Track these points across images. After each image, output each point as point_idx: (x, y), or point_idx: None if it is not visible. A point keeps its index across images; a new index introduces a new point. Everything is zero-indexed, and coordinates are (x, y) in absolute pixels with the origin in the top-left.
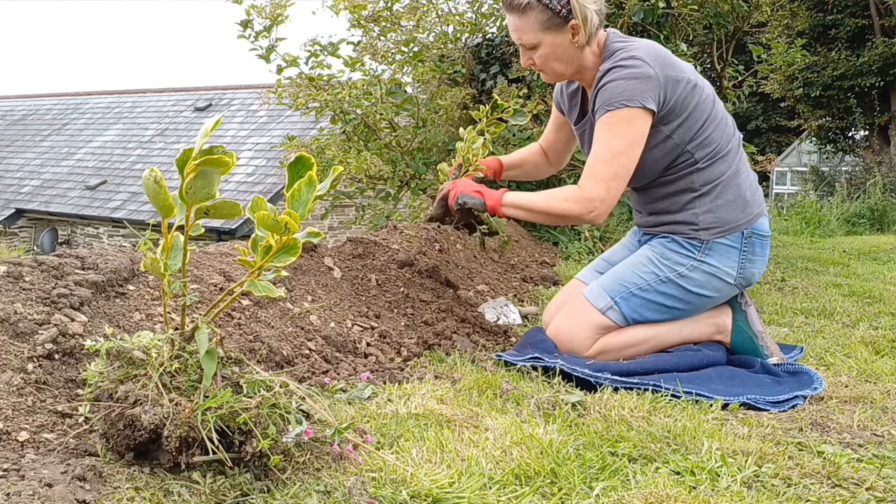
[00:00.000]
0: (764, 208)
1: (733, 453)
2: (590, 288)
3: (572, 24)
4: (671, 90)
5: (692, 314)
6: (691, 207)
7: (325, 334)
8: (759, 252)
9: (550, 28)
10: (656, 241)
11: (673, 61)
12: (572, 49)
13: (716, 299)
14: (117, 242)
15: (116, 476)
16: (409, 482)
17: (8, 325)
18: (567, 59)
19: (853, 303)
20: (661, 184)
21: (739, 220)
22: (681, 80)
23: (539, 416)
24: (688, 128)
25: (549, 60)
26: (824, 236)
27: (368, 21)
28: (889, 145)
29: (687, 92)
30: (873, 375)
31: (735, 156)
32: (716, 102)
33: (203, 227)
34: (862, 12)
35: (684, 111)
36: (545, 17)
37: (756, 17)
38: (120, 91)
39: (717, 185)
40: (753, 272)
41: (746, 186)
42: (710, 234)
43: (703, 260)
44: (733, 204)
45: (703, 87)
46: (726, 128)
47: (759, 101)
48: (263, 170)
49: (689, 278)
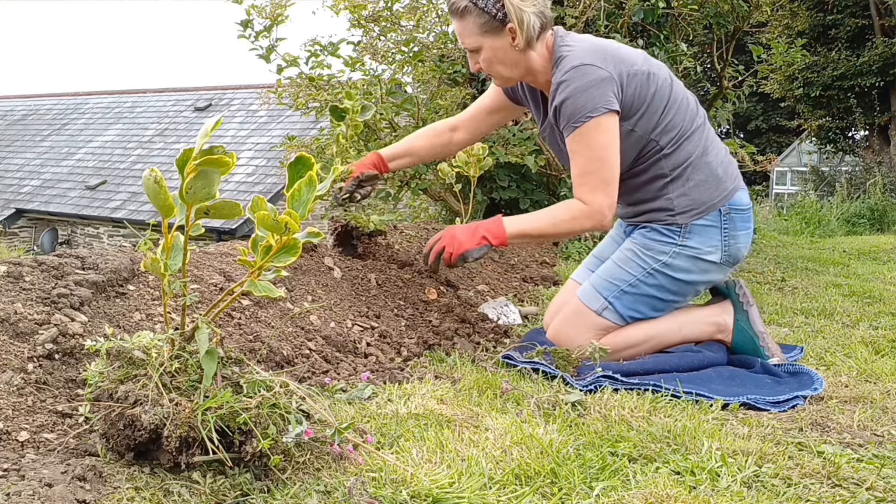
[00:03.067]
0: (739, 181)
1: (733, 453)
2: (583, 289)
3: (509, 27)
4: (627, 84)
5: (687, 301)
6: (665, 193)
7: (325, 334)
8: (740, 227)
9: (489, 32)
10: (637, 233)
11: (622, 54)
12: (514, 52)
13: (708, 282)
14: (117, 242)
15: (116, 476)
16: (409, 482)
17: (8, 325)
18: (510, 63)
19: (853, 303)
20: (632, 175)
21: (714, 199)
22: (636, 73)
23: (539, 416)
24: (649, 118)
25: (493, 64)
26: (824, 236)
27: (368, 21)
28: (889, 145)
29: (643, 83)
30: (873, 375)
31: (701, 134)
32: (673, 85)
33: (203, 227)
34: (862, 12)
35: (643, 103)
36: (482, 21)
37: (756, 17)
38: (120, 91)
39: (688, 167)
40: (739, 248)
41: (717, 163)
42: (687, 218)
43: (684, 244)
44: (706, 183)
45: (658, 73)
46: (688, 108)
47: (759, 101)
48: (263, 170)
49: (674, 266)
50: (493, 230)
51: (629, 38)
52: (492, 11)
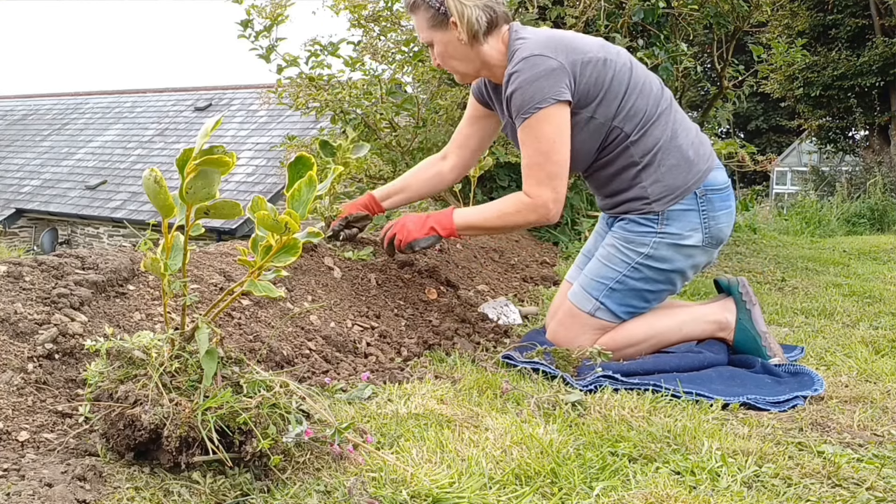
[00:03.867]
0: (713, 161)
1: (733, 453)
2: (573, 291)
3: (451, 20)
4: (580, 73)
5: (679, 289)
6: (639, 181)
7: (325, 334)
8: (719, 207)
9: (436, 26)
10: (617, 226)
11: (576, 43)
12: (462, 46)
13: (694, 266)
14: (117, 242)
15: (116, 476)
16: (409, 482)
17: (8, 325)
18: (462, 57)
19: (853, 303)
20: (602, 165)
21: (688, 182)
22: (589, 61)
23: (539, 416)
24: (608, 104)
25: (446, 58)
26: (824, 236)
27: (368, 21)
28: (889, 145)
29: (598, 70)
30: (873, 375)
31: (668, 118)
32: (633, 70)
33: (203, 227)
34: (862, 12)
35: (600, 89)
36: (429, 15)
37: (756, 17)
38: (120, 91)
39: (657, 153)
40: (721, 227)
41: (688, 145)
42: (663, 205)
43: (664, 231)
44: (677, 167)
45: (616, 59)
46: (651, 92)
47: (760, 101)
48: (263, 170)
49: (656, 257)
50: (443, 222)
51: (629, 37)
52: (435, 5)
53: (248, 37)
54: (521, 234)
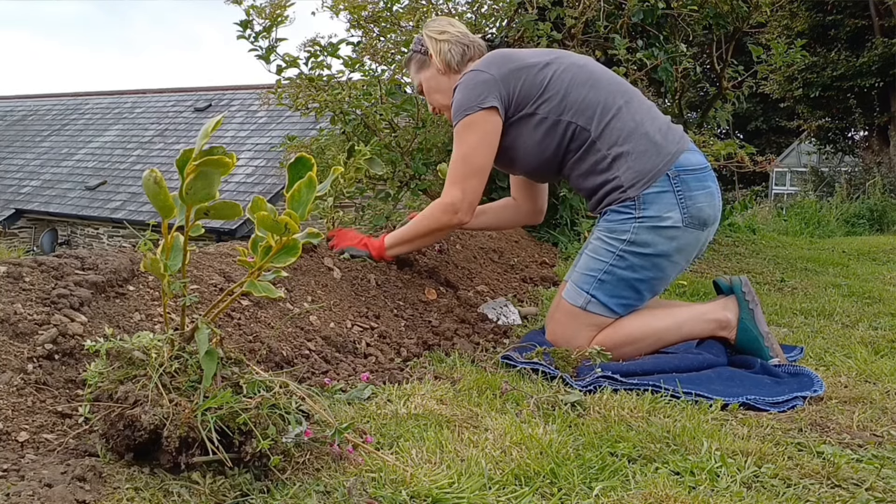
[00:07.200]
0: (684, 144)
1: (733, 453)
2: (566, 289)
3: (429, 56)
4: (514, 79)
5: (670, 278)
6: (612, 172)
7: (324, 334)
8: (695, 187)
9: (422, 67)
10: (601, 220)
11: (517, 56)
12: (441, 77)
13: (680, 249)
14: (117, 243)
15: (116, 476)
16: (409, 482)
17: (8, 326)
18: (440, 88)
19: (853, 303)
20: (574, 165)
21: (658, 165)
22: (525, 67)
23: (539, 417)
24: (551, 100)
25: (431, 94)
26: (824, 237)
27: (368, 21)
28: (888, 146)
29: (535, 73)
30: (873, 375)
31: (629, 109)
32: (585, 68)
33: (203, 228)
34: (861, 13)
35: (540, 88)
36: (416, 59)
37: (756, 18)
38: (120, 91)
39: (625, 143)
40: (700, 207)
41: (655, 132)
42: (638, 189)
43: (642, 215)
44: (646, 153)
45: (560, 62)
46: (608, 85)
47: (759, 102)
48: (263, 170)
49: (638, 242)
50: (374, 244)
51: (629, 38)
52: (419, 49)
53: (247, 37)
54: (520, 235)
